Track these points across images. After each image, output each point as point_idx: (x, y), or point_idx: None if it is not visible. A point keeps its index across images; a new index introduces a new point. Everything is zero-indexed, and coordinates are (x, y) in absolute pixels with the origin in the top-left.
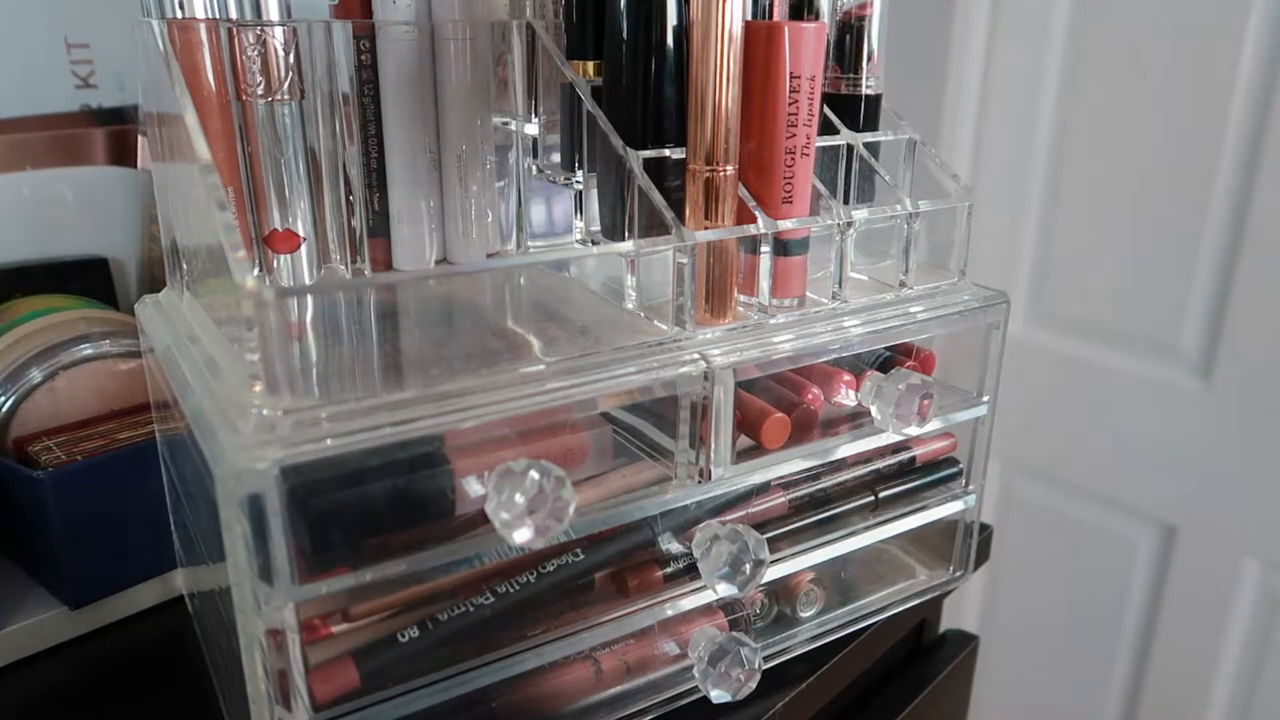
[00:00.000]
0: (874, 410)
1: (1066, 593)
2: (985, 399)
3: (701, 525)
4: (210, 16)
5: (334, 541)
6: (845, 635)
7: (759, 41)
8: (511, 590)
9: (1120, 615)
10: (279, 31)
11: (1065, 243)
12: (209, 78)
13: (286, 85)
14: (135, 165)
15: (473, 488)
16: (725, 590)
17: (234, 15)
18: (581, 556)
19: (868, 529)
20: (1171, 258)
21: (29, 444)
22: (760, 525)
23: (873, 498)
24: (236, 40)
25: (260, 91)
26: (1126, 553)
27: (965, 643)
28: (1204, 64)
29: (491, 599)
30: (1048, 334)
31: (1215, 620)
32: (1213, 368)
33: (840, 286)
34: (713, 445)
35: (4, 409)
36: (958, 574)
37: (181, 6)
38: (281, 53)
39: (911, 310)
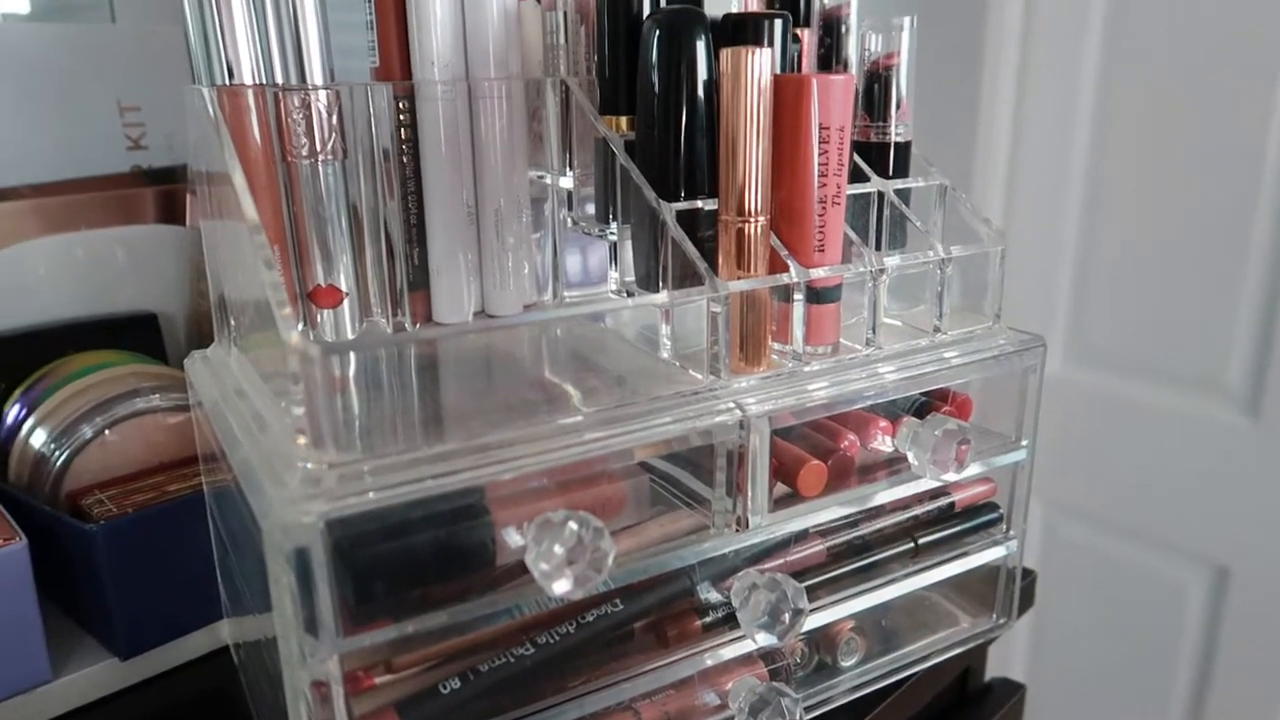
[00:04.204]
0: (911, 456)
1: (1116, 638)
2: (1024, 443)
3: (740, 574)
4: (258, 82)
5: (377, 593)
6: (888, 684)
7: (788, 94)
8: (552, 641)
9: (1174, 661)
10: (323, 94)
11: (1104, 279)
12: (255, 139)
13: (330, 146)
14: (184, 223)
15: (513, 538)
16: (765, 639)
17: (280, 80)
18: (620, 607)
19: (908, 576)
20: (1214, 291)
21: (81, 497)
22: (799, 573)
23: (912, 544)
24: (282, 104)
25: (304, 152)
26: (1177, 595)
27: (1012, 691)
28: (1239, 93)
29: (532, 650)
30: (1089, 372)
31: (1274, 665)
32: (1260, 403)
33: (874, 333)
34: (750, 493)
35: (58, 463)
36: (1001, 621)
37: (231, 73)
38: (325, 115)
39: (946, 355)
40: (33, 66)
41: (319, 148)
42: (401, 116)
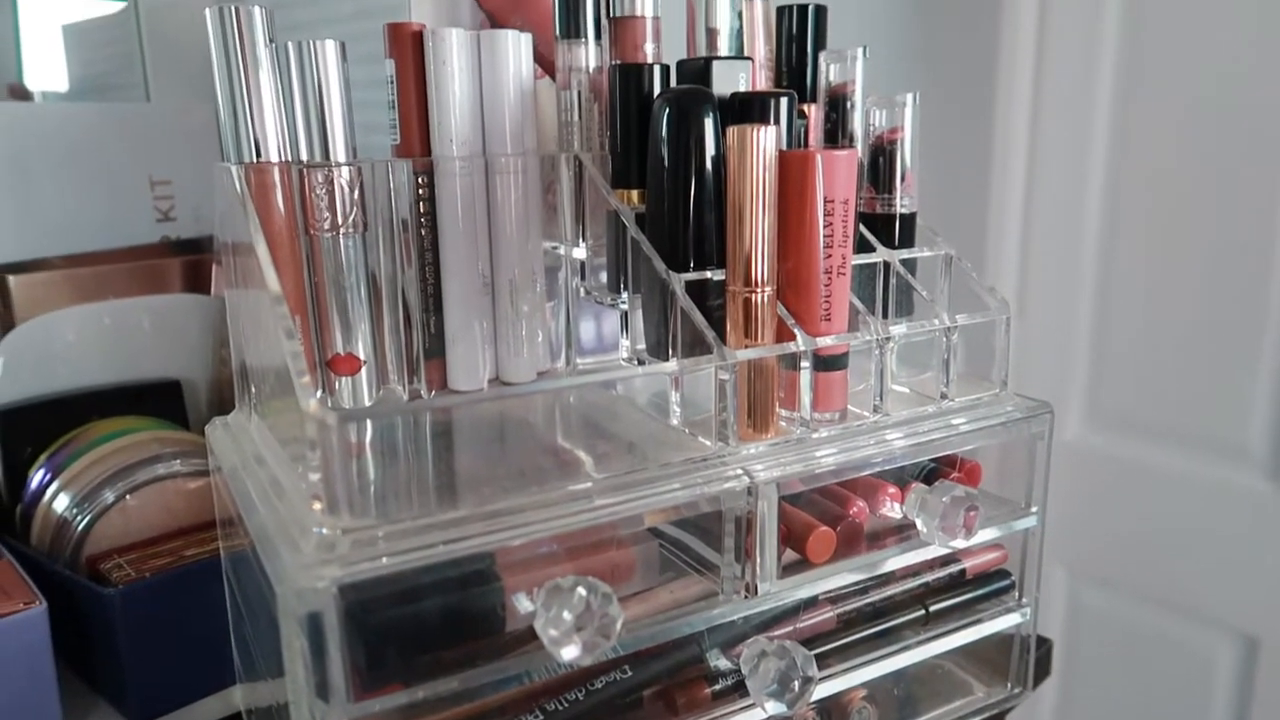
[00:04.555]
0: (919, 523)
1: (1144, 709)
2: (1034, 510)
3: (749, 641)
4: (283, 159)
5: (388, 658)
6: None
7: (794, 169)
8: (561, 708)
9: None
10: (345, 171)
11: (1120, 343)
12: (280, 213)
13: (351, 219)
14: (209, 292)
15: (522, 604)
16: (774, 708)
17: (305, 157)
18: (629, 673)
19: (920, 644)
20: (1233, 354)
21: (101, 561)
22: (809, 641)
23: (923, 611)
24: (306, 179)
25: (326, 226)
26: (1206, 666)
27: None
28: (1253, 158)
29: (541, 717)
30: (1108, 437)
31: None
32: None
33: (882, 400)
34: (758, 560)
35: (79, 528)
36: (1017, 691)
37: (258, 150)
38: (347, 190)
39: (954, 422)
40: (70, 143)
41: (340, 221)
42: (420, 190)
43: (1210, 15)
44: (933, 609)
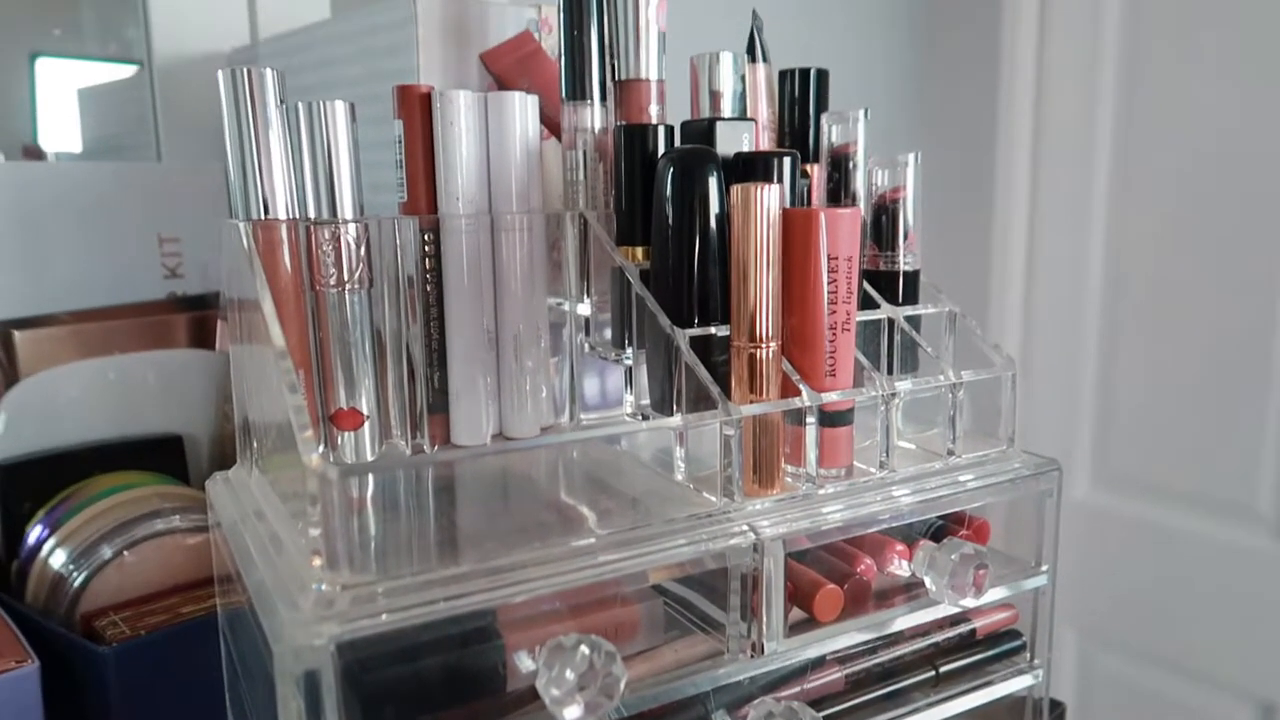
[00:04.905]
0: (928, 581)
1: None
2: (1044, 568)
3: (756, 702)
4: (291, 216)
5: (386, 718)
6: None
7: (797, 227)
8: None
9: None
10: (352, 228)
11: (1126, 403)
12: (286, 269)
13: (357, 275)
14: (214, 348)
15: (524, 663)
16: None
17: (312, 214)
18: None
19: (930, 705)
20: (1239, 414)
21: (96, 619)
22: (817, 702)
23: (933, 672)
24: (313, 236)
25: (332, 282)
26: None
27: None
28: (1256, 213)
29: None
30: (1115, 497)
31: None
32: None
33: (888, 456)
34: (765, 618)
35: (75, 584)
36: None
37: (266, 208)
38: (354, 246)
39: (961, 479)
40: (82, 201)
41: (347, 277)
42: (426, 247)
43: (1208, 70)
44: (943, 670)
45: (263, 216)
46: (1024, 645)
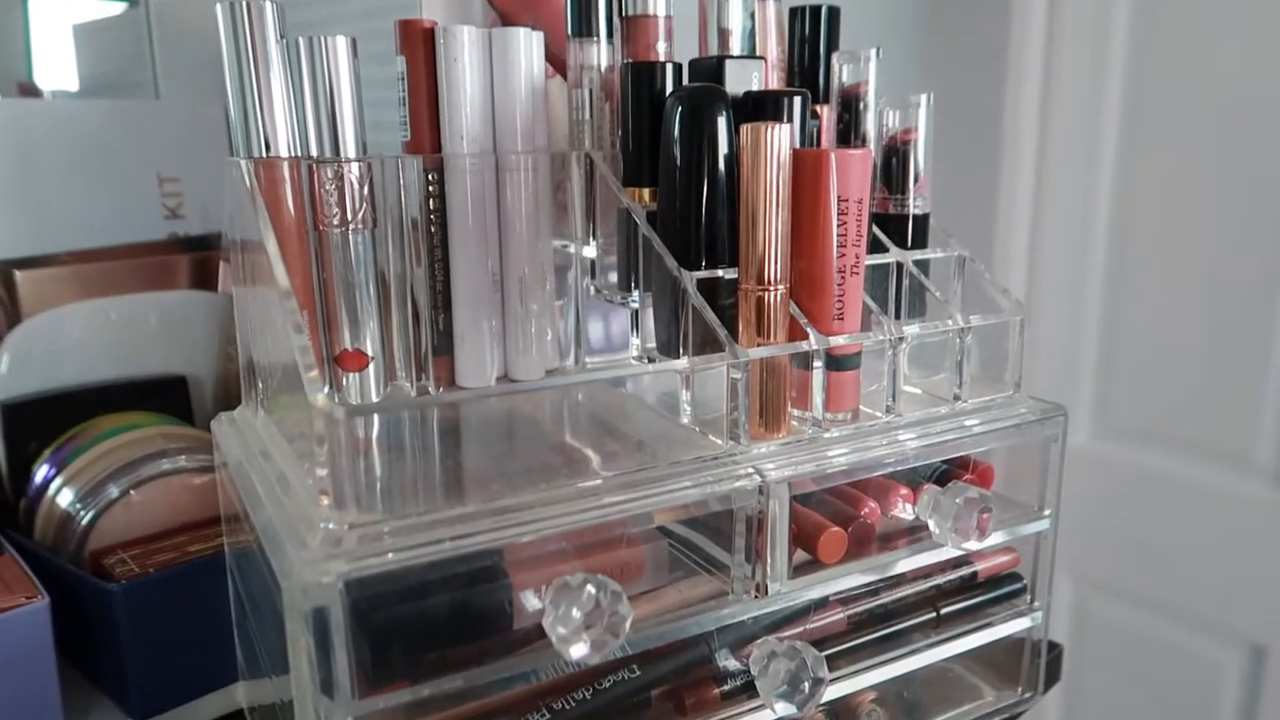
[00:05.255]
0: (932, 524)
1: (1150, 717)
2: (1047, 513)
3: (759, 641)
4: (293, 154)
5: (394, 655)
6: None
7: (807, 168)
8: (568, 707)
9: None
10: (355, 167)
11: (1128, 352)
12: (289, 209)
13: (360, 215)
14: (216, 289)
15: (530, 602)
16: (784, 709)
17: (315, 153)
18: (638, 673)
19: (930, 646)
20: (1240, 364)
21: (104, 556)
22: (819, 642)
23: (934, 614)
24: (316, 175)
25: (336, 222)
26: (1213, 675)
27: None
28: (1266, 161)
29: (548, 716)
30: (1115, 445)
31: None
32: None
33: (894, 400)
34: (769, 560)
35: (83, 523)
36: (1027, 695)
37: (268, 146)
38: (357, 186)
39: (966, 424)
40: (79, 139)
41: (350, 217)
42: (430, 188)
43: (1220, 14)
44: (944, 611)
45: (264, 154)
46: (1024, 588)
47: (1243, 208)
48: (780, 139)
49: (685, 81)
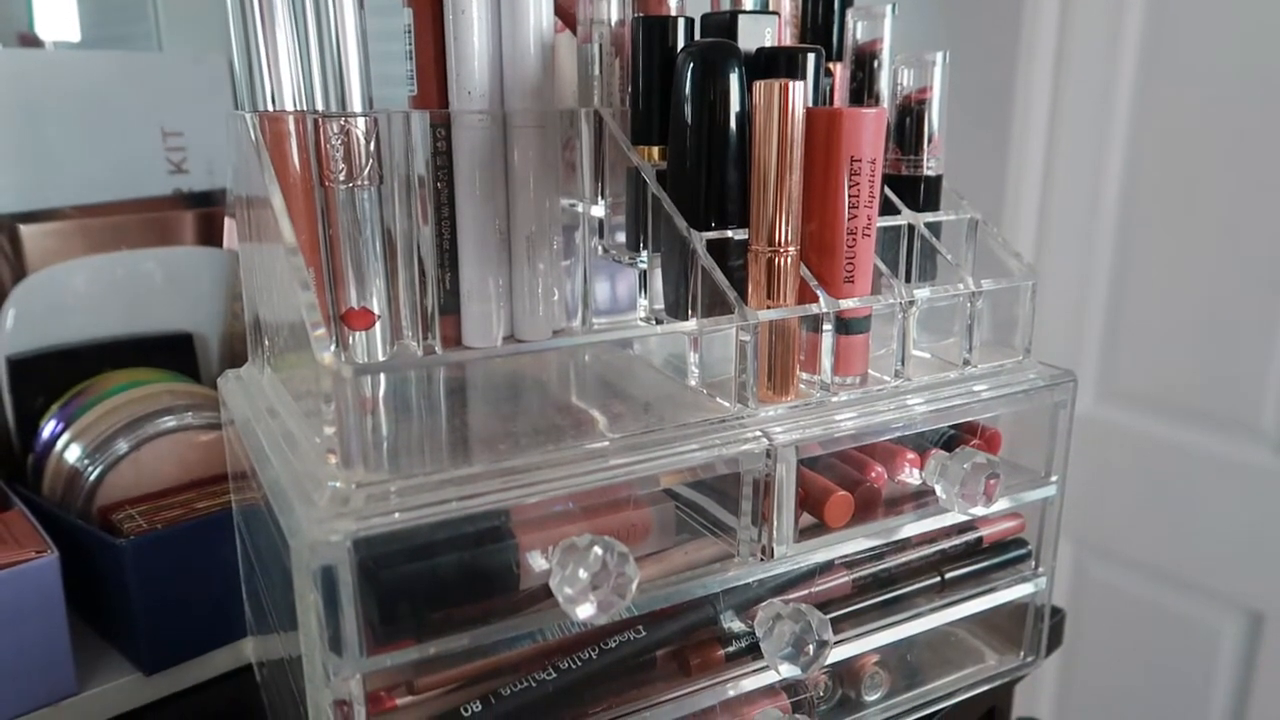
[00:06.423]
0: (939, 489)
1: (1147, 682)
2: (1054, 479)
3: (764, 604)
4: (299, 108)
5: (401, 613)
6: None
7: (820, 127)
8: (574, 666)
9: (1205, 708)
10: (361, 122)
11: (1135, 318)
12: (295, 165)
13: (367, 171)
14: (221, 245)
15: (537, 562)
16: (788, 671)
17: (320, 107)
18: (643, 634)
19: (934, 611)
20: (1248, 332)
21: (113, 512)
22: (824, 605)
23: (939, 579)
24: (322, 130)
25: (342, 178)
26: (1210, 640)
27: None
28: (1276, 128)
29: (554, 675)
30: (1120, 411)
31: None
32: None
33: (903, 365)
34: (775, 523)
35: (91, 479)
36: (1029, 659)
37: (273, 100)
38: (363, 141)
39: (975, 389)
40: (81, 92)
41: (356, 173)
42: (438, 144)
43: None
44: (948, 576)
45: (270, 108)
46: (1029, 554)
47: (1255, 173)
48: (795, 97)
49: (697, 36)
